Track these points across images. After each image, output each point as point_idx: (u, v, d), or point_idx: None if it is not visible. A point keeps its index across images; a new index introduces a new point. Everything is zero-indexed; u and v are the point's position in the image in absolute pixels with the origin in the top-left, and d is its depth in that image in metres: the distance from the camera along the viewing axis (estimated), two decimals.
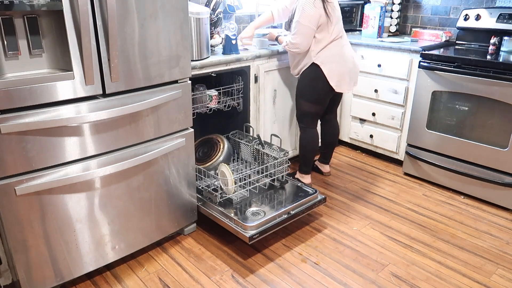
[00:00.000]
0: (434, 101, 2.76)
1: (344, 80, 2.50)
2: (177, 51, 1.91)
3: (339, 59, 2.45)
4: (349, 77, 2.52)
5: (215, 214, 2.19)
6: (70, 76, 1.59)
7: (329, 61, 2.43)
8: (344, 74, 2.48)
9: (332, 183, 2.94)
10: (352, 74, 2.54)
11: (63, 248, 1.77)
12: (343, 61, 2.47)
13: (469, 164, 2.69)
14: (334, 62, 2.43)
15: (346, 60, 2.48)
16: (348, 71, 2.50)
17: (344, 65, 2.47)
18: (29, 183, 1.58)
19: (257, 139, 2.55)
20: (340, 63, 2.46)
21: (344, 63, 2.47)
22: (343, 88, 2.51)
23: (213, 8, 2.53)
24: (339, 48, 2.45)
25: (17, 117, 1.50)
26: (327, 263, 2.10)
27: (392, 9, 3.36)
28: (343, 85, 2.51)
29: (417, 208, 2.62)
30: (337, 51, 2.44)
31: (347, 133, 3.44)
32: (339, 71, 2.46)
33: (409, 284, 1.96)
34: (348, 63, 2.49)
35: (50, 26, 1.57)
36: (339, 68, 2.45)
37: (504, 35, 2.79)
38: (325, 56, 2.42)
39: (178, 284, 1.95)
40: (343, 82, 2.50)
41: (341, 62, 2.46)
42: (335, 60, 2.44)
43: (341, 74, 2.47)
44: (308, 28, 2.35)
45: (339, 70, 2.46)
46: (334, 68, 2.44)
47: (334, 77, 2.45)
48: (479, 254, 2.18)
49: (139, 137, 1.89)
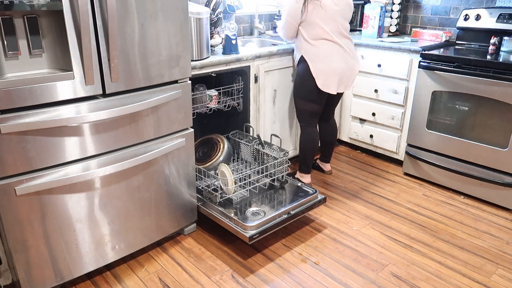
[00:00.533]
0: (434, 101, 2.76)
1: (331, 81, 2.44)
2: (177, 51, 1.91)
3: (327, 59, 2.41)
4: (338, 78, 2.46)
5: (215, 214, 2.19)
6: (70, 76, 1.59)
7: (316, 60, 2.41)
8: (332, 75, 2.43)
9: (332, 183, 2.94)
10: (344, 77, 2.48)
11: (63, 248, 1.77)
12: (333, 61, 2.41)
13: (469, 164, 2.69)
14: (321, 62, 2.41)
15: (337, 61, 2.42)
16: (339, 72, 2.44)
17: (334, 65, 2.42)
18: (29, 183, 1.58)
19: (257, 139, 2.55)
20: (328, 63, 2.41)
21: (334, 63, 2.42)
22: (330, 89, 2.46)
23: (213, 8, 2.53)
24: (330, 48, 2.41)
25: (17, 117, 1.50)
26: (327, 263, 2.10)
27: (392, 9, 3.36)
28: (330, 86, 2.46)
29: (417, 208, 2.62)
30: (327, 50, 2.40)
31: (347, 133, 3.44)
32: (327, 70, 2.42)
33: (409, 284, 1.96)
34: (340, 64, 2.43)
35: (50, 26, 1.57)
36: (327, 68, 2.41)
37: (504, 35, 2.79)
38: (312, 54, 2.42)
39: (178, 284, 1.95)
40: (330, 83, 2.45)
41: (330, 62, 2.41)
42: (322, 60, 2.41)
43: (328, 74, 2.43)
44: (286, 20, 2.40)
45: (327, 69, 2.41)
46: (320, 67, 2.41)
47: (320, 76, 2.43)
48: (479, 254, 2.18)
49: (139, 137, 1.89)
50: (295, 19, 2.38)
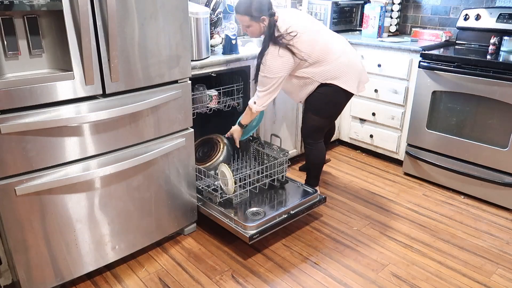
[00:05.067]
0: (434, 101, 2.76)
1: (361, 81, 2.40)
2: (177, 51, 1.91)
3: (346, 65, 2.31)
4: (362, 77, 2.41)
5: (215, 214, 2.19)
6: (70, 76, 1.59)
7: (339, 73, 2.29)
8: (358, 75, 2.36)
9: (332, 183, 2.94)
10: (362, 72, 2.42)
11: (63, 248, 1.77)
12: (352, 64, 2.33)
13: (469, 164, 2.69)
14: (345, 72, 2.30)
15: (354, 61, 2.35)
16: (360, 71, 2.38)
17: (355, 67, 2.35)
18: (29, 183, 1.58)
19: (257, 139, 2.55)
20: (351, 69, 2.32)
21: (354, 65, 2.34)
22: (360, 88, 2.41)
23: (213, 8, 2.53)
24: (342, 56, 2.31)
25: (17, 117, 1.50)
26: (327, 263, 2.10)
27: (392, 9, 3.36)
28: (360, 85, 2.41)
29: (417, 208, 2.62)
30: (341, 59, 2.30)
31: (347, 133, 3.44)
32: (354, 75, 2.33)
33: (409, 284, 1.96)
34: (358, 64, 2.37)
35: (50, 26, 1.57)
36: (353, 73, 2.33)
37: (504, 35, 2.79)
38: (331, 72, 2.28)
39: (178, 284, 1.95)
40: (360, 84, 2.40)
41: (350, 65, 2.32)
42: (344, 69, 2.30)
43: (357, 76, 2.35)
44: (279, 78, 2.22)
45: (354, 75, 2.33)
46: (348, 77, 2.31)
47: (353, 83, 2.33)
48: (479, 254, 2.18)
49: (139, 137, 1.89)
50: (289, 70, 2.24)
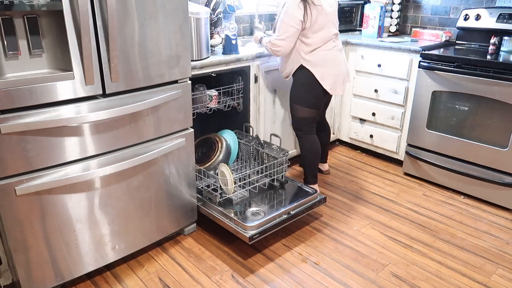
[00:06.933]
0: (434, 101, 2.76)
1: (338, 83, 2.45)
2: (177, 51, 1.91)
3: (332, 62, 2.39)
4: (342, 79, 2.48)
5: (215, 214, 2.19)
6: (70, 76, 1.59)
7: (321, 64, 2.37)
8: (338, 77, 2.44)
9: (332, 183, 2.94)
10: (345, 77, 2.50)
11: (63, 248, 1.77)
12: (336, 64, 2.41)
13: (469, 164, 2.69)
14: (326, 66, 2.38)
15: (340, 63, 2.43)
16: (341, 73, 2.45)
17: (338, 68, 2.42)
18: (29, 183, 1.58)
19: (256, 139, 2.55)
20: (333, 66, 2.40)
21: (337, 65, 2.42)
22: (337, 90, 2.47)
23: (213, 8, 2.53)
24: (331, 51, 2.39)
25: (17, 117, 1.50)
26: (327, 263, 2.10)
27: (392, 9, 3.36)
28: (337, 87, 2.46)
29: (417, 208, 2.62)
30: (329, 54, 2.38)
31: (347, 133, 3.44)
32: (333, 73, 2.41)
33: (409, 284, 1.96)
34: (342, 66, 2.45)
35: (50, 26, 1.57)
36: (332, 71, 2.40)
37: (504, 35, 2.79)
38: (315, 60, 2.36)
39: (178, 284, 1.95)
40: (337, 85, 2.45)
41: (334, 65, 2.40)
42: (327, 64, 2.38)
43: (335, 76, 2.42)
44: (292, 28, 2.28)
45: (333, 72, 2.40)
46: (326, 71, 2.38)
47: (328, 80, 2.40)
48: (479, 254, 2.18)
49: (139, 137, 1.89)
50: (300, 26, 2.29)
